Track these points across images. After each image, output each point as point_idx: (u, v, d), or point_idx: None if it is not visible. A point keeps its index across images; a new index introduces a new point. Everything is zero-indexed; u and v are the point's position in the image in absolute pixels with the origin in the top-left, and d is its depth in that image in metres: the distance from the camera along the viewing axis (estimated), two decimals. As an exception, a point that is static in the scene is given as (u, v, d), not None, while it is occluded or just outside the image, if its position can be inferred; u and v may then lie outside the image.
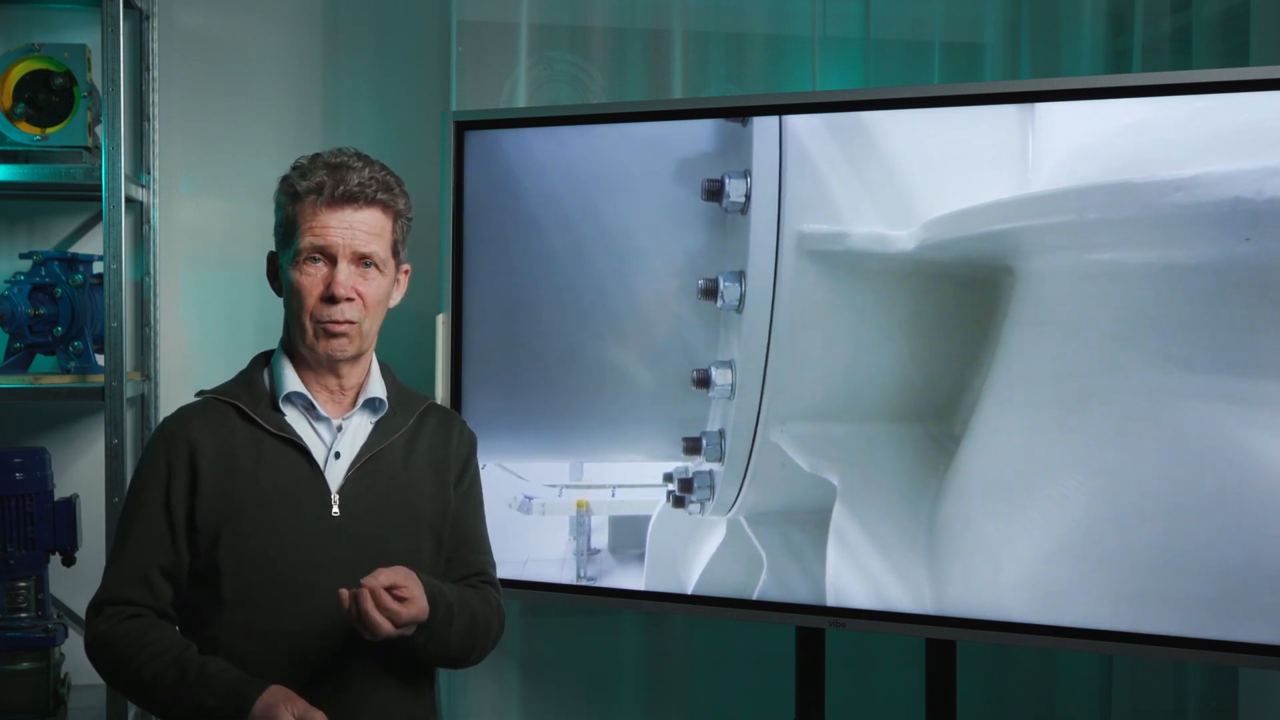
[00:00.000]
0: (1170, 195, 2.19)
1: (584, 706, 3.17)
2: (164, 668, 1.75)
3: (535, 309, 2.62)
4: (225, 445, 1.85)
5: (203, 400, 1.91)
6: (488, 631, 1.94)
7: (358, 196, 1.83)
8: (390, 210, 1.87)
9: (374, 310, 1.87)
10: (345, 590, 1.69)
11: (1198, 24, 3.00)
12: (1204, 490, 2.18)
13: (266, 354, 1.96)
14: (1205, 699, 3.03)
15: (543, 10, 3.07)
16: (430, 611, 1.75)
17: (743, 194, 2.45)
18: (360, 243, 1.83)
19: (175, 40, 3.03)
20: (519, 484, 2.64)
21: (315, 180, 1.82)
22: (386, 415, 1.93)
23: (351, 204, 1.83)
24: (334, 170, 1.83)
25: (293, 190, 1.84)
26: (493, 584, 2.01)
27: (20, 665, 2.58)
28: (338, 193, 1.82)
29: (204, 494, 1.82)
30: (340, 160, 1.85)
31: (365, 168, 1.85)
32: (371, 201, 1.84)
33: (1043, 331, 2.29)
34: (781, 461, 2.46)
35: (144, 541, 1.83)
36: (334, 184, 1.82)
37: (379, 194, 1.85)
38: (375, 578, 1.69)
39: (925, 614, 2.39)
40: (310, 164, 1.86)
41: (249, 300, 3.02)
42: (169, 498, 1.83)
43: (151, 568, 1.82)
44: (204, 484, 1.82)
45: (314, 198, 1.82)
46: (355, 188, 1.82)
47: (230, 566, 1.81)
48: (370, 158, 1.88)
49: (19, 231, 2.99)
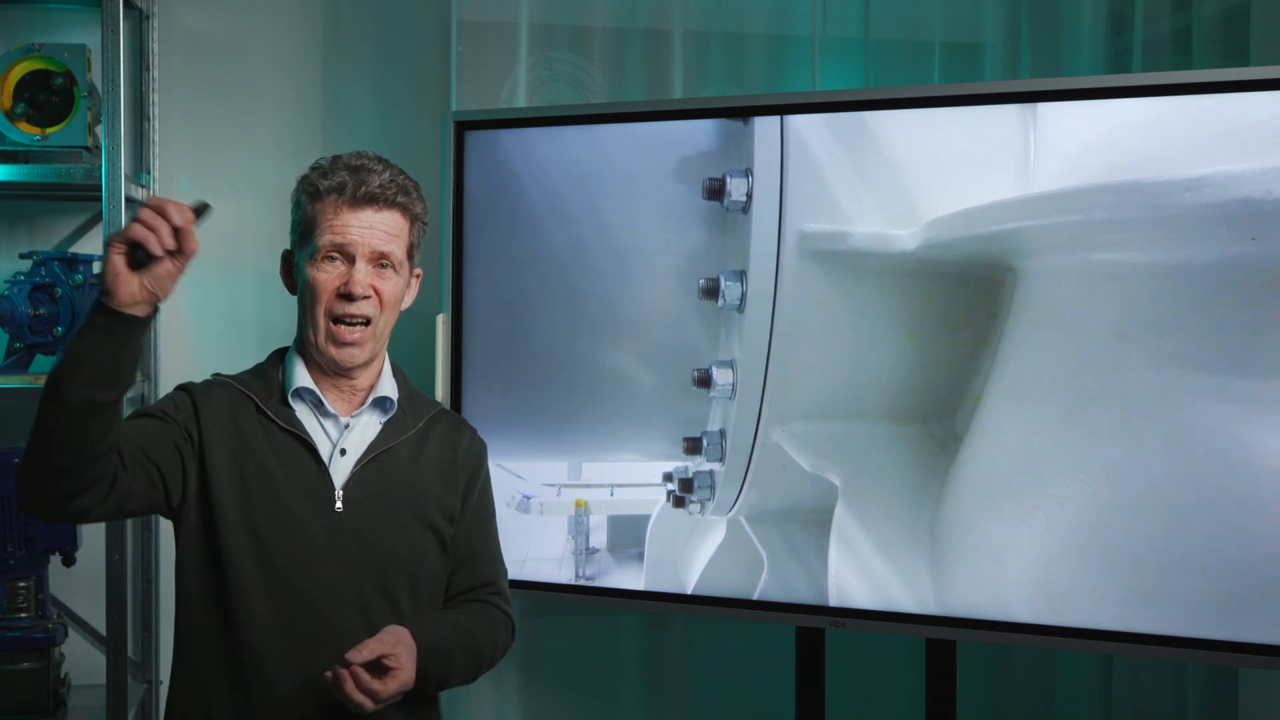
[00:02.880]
0: (1177, 195, 2.19)
1: (584, 706, 3.18)
2: None
3: (535, 309, 2.62)
4: (242, 426, 1.86)
5: (222, 382, 1.92)
6: (493, 652, 1.96)
7: (378, 198, 1.85)
8: (409, 213, 1.89)
9: (388, 309, 1.89)
10: (329, 672, 1.70)
11: (1198, 24, 3.00)
12: (1207, 490, 2.18)
13: (283, 350, 1.97)
14: (1205, 699, 3.03)
15: (543, 10, 3.07)
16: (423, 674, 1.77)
17: (744, 193, 2.45)
18: (379, 242, 1.85)
19: (175, 40, 3.03)
20: (517, 483, 2.64)
21: (337, 180, 1.84)
22: (395, 416, 1.94)
23: (372, 205, 1.85)
24: (355, 172, 1.85)
25: (314, 189, 1.86)
26: (501, 594, 2.01)
27: (20, 665, 2.58)
28: (359, 193, 1.84)
29: (215, 455, 1.82)
30: (361, 163, 1.87)
31: (385, 170, 1.87)
32: (391, 204, 1.86)
33: (1045, 331, 2.29)
34: (783, 461, 2.46)
35: (151, 427, 1.80)
36: (356, 185, 1.84)
37: (399, 197, 1.87)
38: (359, 651, 1.70)
39: (925, 614, 2.39)
40: (331, 165, 1.88)
41: (249, 300, 3.01)
42: (187, 429, 1.82)
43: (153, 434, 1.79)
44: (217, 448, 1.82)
45: (335, 197, 1.84)
46: (377, 189, 1.84)
47: (232, 560, 1.81)
48: (389, 161, 1.90)
49: (19, 231, 2.99)
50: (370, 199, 1.84)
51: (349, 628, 1.82)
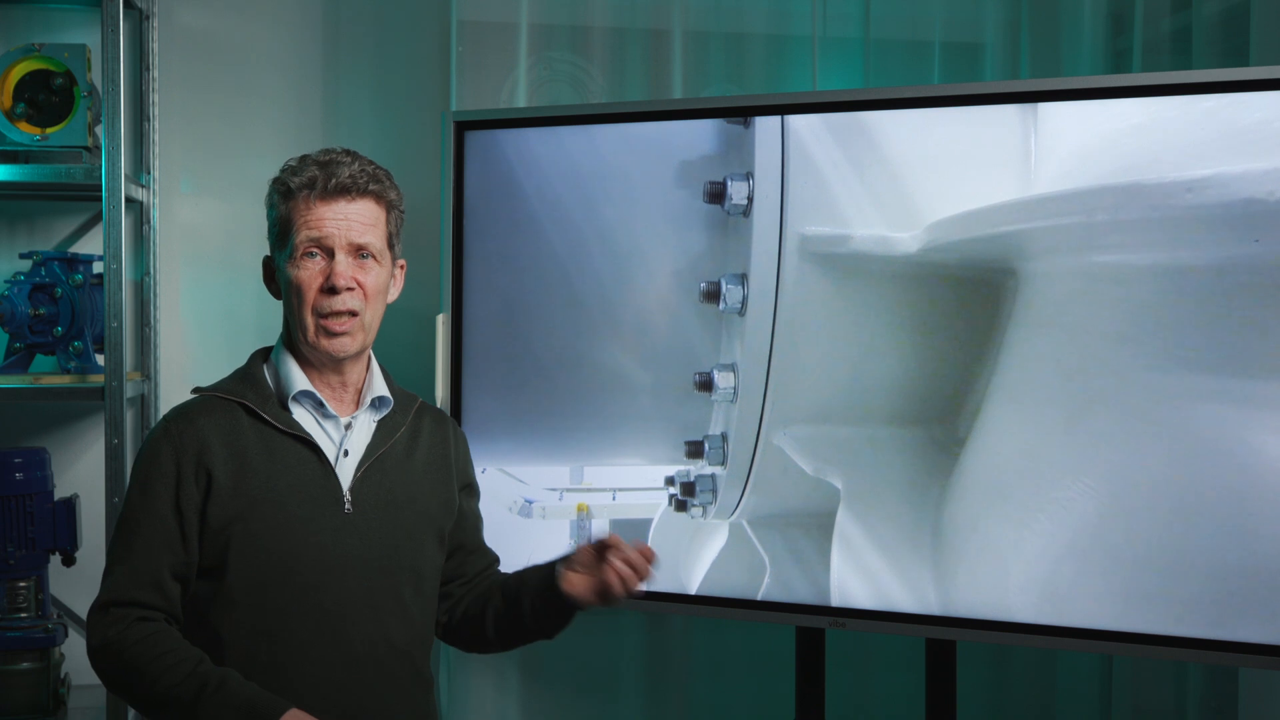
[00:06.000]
0: (1179, 196, 2.19)
1: (584, 706, 3.18)
2: (180, 679, 1.72)
3: (536, 310, 2.62)
4: (236, 444, 1.84)
5: (205, 398, 1.90)
6: None
7: (350, 188, 1.85)
8: (383, 201, 1.89)
9: (374, 301, 1.89)
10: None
11: (1198, 24, 3.00)
12: (1208, 491, 2.18)
13: (265, 351, 1.96)
14: (1205, 699, 3.03)
15: (543, 10, 3.06)
16: None
17: (745, 196, 2.45)
18: (356, 233, 1.85)
19: (175, 40, 3.03)
20: (519, 488, 2.64)
21: (307, 176, 1.85)
22: (387, 415, 1.95)
23: (344, 196, 1.85)
24: (324, 166, 1.86)
25: (285, 188, 1.86)
26: None
27: (20, 665, 2.58)
28: (330, 185, 1.84)
29: (217, 494, 1.81)
30: (329, 157, 1.87)
31: (354, 162, 1.87)
32: (364, 192, 1.86)
33: (1047, 333, 2.29)
34: (784, 465, 2.46)
35: (153, 542, 1.80)
36: (326, 178, 1.84)
37: (370, 185, 1.87)
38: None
39: (925, 614, 2.39)
40: (300, 163, 1.88)
41: (249, 300, 3.02)
42: (179, 500, 1.81)
43: (162, 569, 1.80)
44: (217, 484, 1.81)
45: (307, 193, 1.84)
46: (347, 180, 1.84)
47: (240, 565, 1.81)
48: (359, 153, 1.90)
49: (19, 231, 2.99)
50: (342, 190, 1.84)
51: (359, 628, 1.84)
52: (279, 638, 1.81)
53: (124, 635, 1.76)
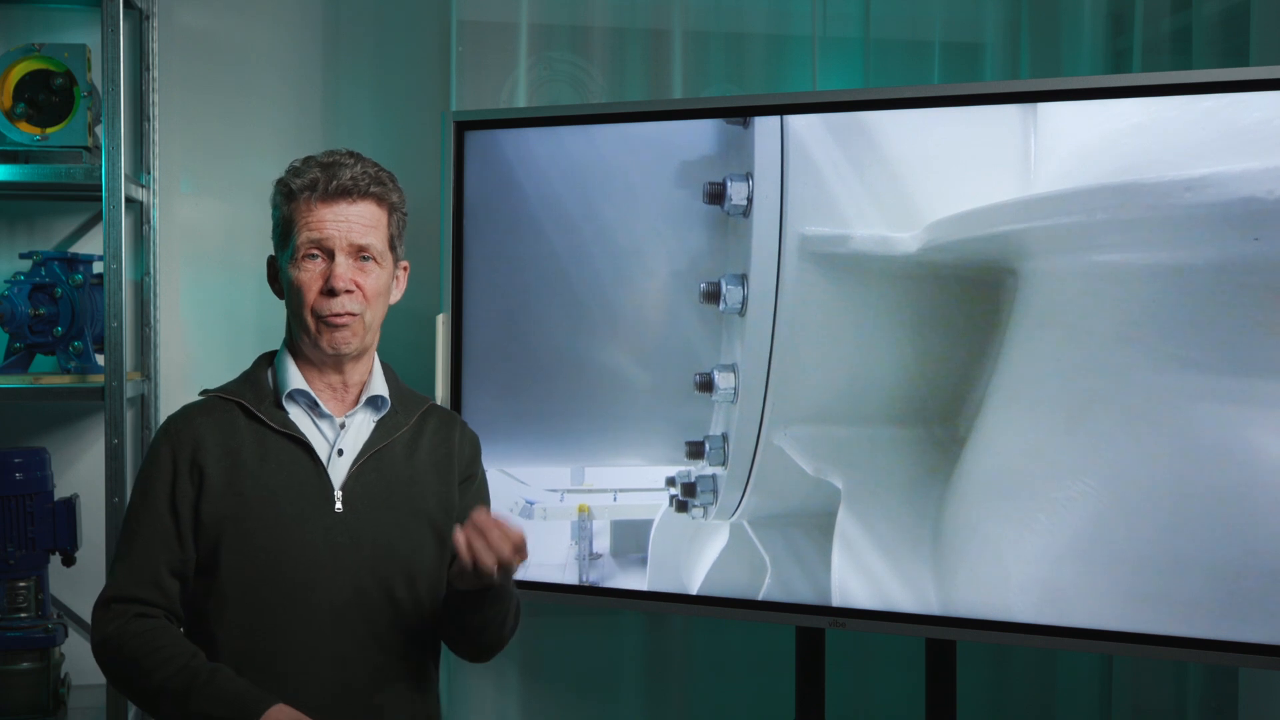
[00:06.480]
0: (1179, 196, 2.19)
1: (584, 706, 3.18)
2: (173, 672, 1.75)
3: (536, 310, 2.62)
4: (230, 442, 1.86)
5: (207, 398, 1.93)
6: (517, 615, 1.98)
7: (351, 190, 1.85)
8: (385, 203, 1.90)
9: (375, 303, 1.89)
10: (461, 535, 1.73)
11: (1198, 24, 3.00)
12: (1209, 491, 2.18)
13: (270, 354, 1.97)
14: (1205, 699, 3.03)
15: (543, 10, 3.06)
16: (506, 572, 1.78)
17: (745, 197, 2.45)
18: (357, 235, 1.86)
19: (175, 40, 3.03)
20: (520, 488, 2.64)
21: (310, 177, 1.86)
22: (389, 414, 1.95)
23: (346, 198, 1.85)
24: (327, 168, 1.86)
25: (288, 189, 1.87)
26: None
27: (20, 665, 2.58)
28: (331, 187, 1.84)
29: (210, 491, 1.84)
30: (333, 159, 1.88)
31: (357, 163, 1.88)
32: (365, 194, 1.87)
33: (1047, 333, 2.29)
34: (785, 465, 2.46)
35: (151, 540, 1.83)
36: (327, 179, 1.85)
37: (372, 187, 1.87)
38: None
39: (925, 614, 2.39)
40: (303, 164, 1.89)
41: (249, 300, 3.02)
42: (174, 496, 1.84)
43: (160, 566, 1.83)
44: (210, 481, 1.84)
45: (309, 194, 1.85)
46: (349, 181, 1.85)
47: (232, 562, 1.82)
48: (362, 155, 1.91)
49: (19, 231, 2.99)
50: (343, 192, 1.85)
51: (349, 626, 1.84)
52: (270, 635, 1.82)
53: (123, 630, 1.79)
